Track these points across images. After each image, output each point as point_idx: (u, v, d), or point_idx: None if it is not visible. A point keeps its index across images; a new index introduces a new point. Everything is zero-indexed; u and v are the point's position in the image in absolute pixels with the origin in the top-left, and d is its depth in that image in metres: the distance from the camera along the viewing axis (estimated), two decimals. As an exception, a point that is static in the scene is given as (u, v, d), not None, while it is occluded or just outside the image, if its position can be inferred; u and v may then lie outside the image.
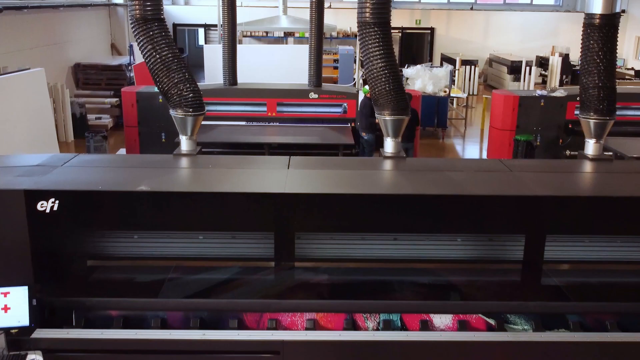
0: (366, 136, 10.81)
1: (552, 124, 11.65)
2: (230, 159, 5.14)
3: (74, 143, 13.27)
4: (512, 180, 4.53)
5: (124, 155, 6.08)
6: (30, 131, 9.32)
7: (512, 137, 11.60)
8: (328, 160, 5.15)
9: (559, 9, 25.76)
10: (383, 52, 5.05)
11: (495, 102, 12.02)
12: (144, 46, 5.11)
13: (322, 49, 11.81)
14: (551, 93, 11.74)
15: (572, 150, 11.59)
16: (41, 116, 9.59)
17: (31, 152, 9.35)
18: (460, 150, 14.15)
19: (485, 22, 23.69)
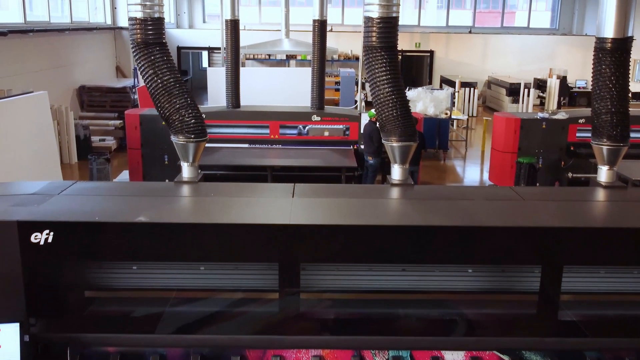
0: (372, 160, 10.54)
1: (554, 146, 11.41)
2: (232, 186, 4.86)
3: (78, 165, 13.03)
4: (526, 209, 4.25)
5: (124, 183, 5.82)
6: (33, 154, 9.08)
7: (514, 159, 11.35)
8: (333, 187, 4.88)
9: (556, 32, 25.70)
10: (390, 77, 4.81)
11: (497, 124, 11.78)
12: (145, 71, 4.87)
13: (325, 72, 11.62)
14: (553, 115, 11.52)
15: (575, 173, 11.35)
16: (44, 139, 9.35)
17: (34, 174, 9.10)
18: (461, 172, 13.89)
19: (484, 45, 23.59)
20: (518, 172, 10.80)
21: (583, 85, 22.71)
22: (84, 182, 4.83)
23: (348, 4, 25.87)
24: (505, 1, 25.99)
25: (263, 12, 25.90)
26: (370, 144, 10.53)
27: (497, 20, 26.32)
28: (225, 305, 4.48)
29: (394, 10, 4.82)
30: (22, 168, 8.82)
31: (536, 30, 25.73)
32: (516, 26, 26.00)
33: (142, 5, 4.81)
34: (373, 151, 10.52)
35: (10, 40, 12.21)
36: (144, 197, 4.47)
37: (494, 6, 26.53)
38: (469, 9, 26.29)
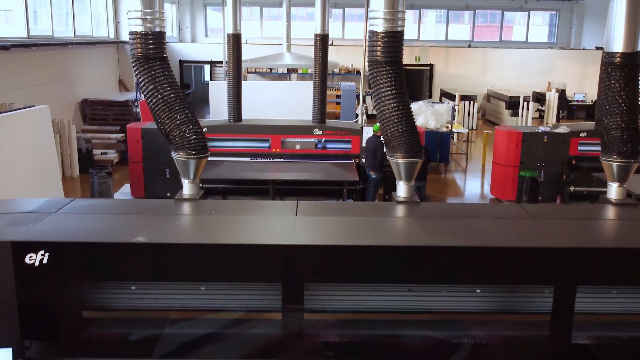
0: (374, 175, 10.35)
1: (556, 159, 11.24)
2: (234, 204, 4.69)
3: (80, 178, 12.84)
4: (537, 228, 4.06)
5: (123, 201, 5.64)
6: (34, 168, 8.91)
7: (515, 173, 11.17)
8: (338, 205, 4.71)
9: (554, 46, 25.64)
10: (395, 92, 4.64)
11: (498, 138, 11.61)
12: (146, 86, 4.70)
13: (326, 86, 11.47)
14: (554, 129, 11.36)
15: (577, 186, 11.16)
16: (45, 153, 9.18)
17: (35, 188, 8.92)
18: (462, 185, 13.71)
19: (483, 58, 23.50)
20: (520, 185, 10.60)
21: (581, 98, 22.60)
22: (82, 200, 4.65)
23: (348, 19, 25.84)
24: (503, 16, 25.98)
25: (264, 26, 25.85)
26: (373, 159, 10.34)
27: (495, 34, 26.27)
28: (226, 326, 4.29)
29: (399, 24, 4.66)
30: (23, 182, 8.64)
31: (534, 44, 25.68)
32: (514, 40, 25.95)
33: (142, 20, 4.66)
34: (376, 165, 10.34)
35: (13, 54, 12.08)
36: (143, 215, 4.29)
37: (492, 21, 26.51)
38: (467, 23, 26.25)
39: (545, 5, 25.67)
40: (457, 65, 23.38)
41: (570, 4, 25.59)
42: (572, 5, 25.63)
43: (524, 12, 26.02)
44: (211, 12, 26.18)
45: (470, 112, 19.67)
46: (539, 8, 25.87)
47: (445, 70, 23.36)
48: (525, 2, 25.45)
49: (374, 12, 4.63)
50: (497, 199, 11.71)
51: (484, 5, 25.58)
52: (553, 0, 25.44)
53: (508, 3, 25.46)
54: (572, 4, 25.58)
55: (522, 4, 25.52)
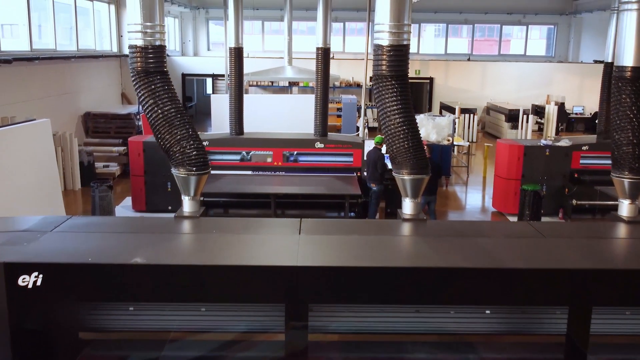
0: (375, 187, 10.15)
1: (558, 173, 11.05)
2: (236, 222, 4.49)
3: (81, 191, 12.65)
4: (549, 248, 3.87)
5: (121, 219, 5.43)
6: (35, 181, 8.71)
7: (517, 186, 10.98)
8: (342, 223, 4.50)
9: (552, 60, 25.54)
10: (401, 107, 4.47)
11: (500, 151, 11.42)
12: (145, 100, 4.53)
13: (328, 99, 11.31)
14: (556, 142, 11.18)
15: (579, 200, 10.97)
16: (46, 166, 8.99)
17: (35, 202, 8.72)
18: (464, 198, 13.51)
19: (482, 72, 23.38)
20: (522, 199, 10.40)
21: (580, 111, 22.46)
22: (79, 217, 4.45)
23: (348, 33, 25.79)
24: (502, 30, 25.92)
25: (266, 40, 25.79)
26: (374, 171, 10.16)
27: (493, 48, 26.20)
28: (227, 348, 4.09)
29: (404, 38, 4.50)
30: (24, 196, 8.45)
31: (533, 58, 25.57)
32: (513, 54, 25.86)
33: (142, 33, 4.49)
34: (377, 177, 10.16)
35: (15, 68, 11.94)
36: (142, 234, 4.09)
37: (490, 35, 26.45)
38: (466, 37, 26.19)
39: (544, 19, 25.62)
40: (457, 79, 23.27)
41: (568, 18, 25.53)
42: (570, 20, 25.57)
43: (521, 26, 25.97)
44: (213, 26, 26.13)
45: (470, 125, 19.51)
46: (537, 22, 25.82)
47: (445, 83, 23.24)
48: (523, 17, 25.39)
49: (380, 26, 4.47)
50: (499, 212, 11.51)
51: (483, 19, 25.52)
52: (551, 15, 25.39)
53: (506, 17, 25.40)
54: (570, 18, 25.52)
55: (520, 18, 25.46)
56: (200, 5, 25.34)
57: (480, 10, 24.78)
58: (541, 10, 25.04)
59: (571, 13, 25.22)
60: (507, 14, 25.19)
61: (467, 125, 19.33)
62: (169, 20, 24.21)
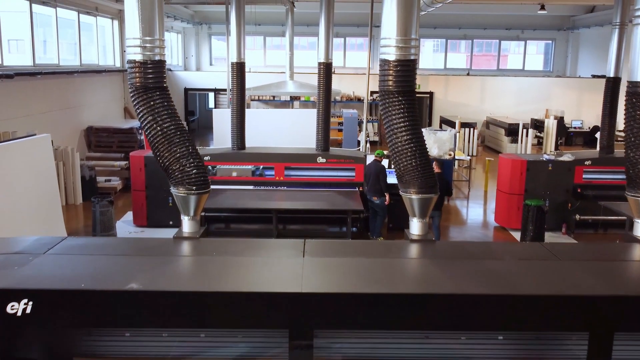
0: (377, 200, 9.91)
1: (561, 188, 10.81)
2: (237, 243, 4.24)
3: (83, 206, 12.41)
4: (565, 272, 3.62)
5: (117, 240, 5.18)
6: (35, 196, 8.49)
7: (520, 201, 10.73)
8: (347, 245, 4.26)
9: (550, 75, 25.41)
10: (408, 124, 4.24)
11: (502, 166, 11.19)
12: (144, 117, 4.30)
13: (330, 114, 11.10)
14: (558, 157, 10.95)
15: (582, 215, 10.72)
16: (46, 181, 8.77)
17: (35, 217, 8.49)
18: (465, 213, 13.26)
19: (481, 86, 23.22)
20: (526, 214, 10.15)
21: (579, 125, 22.27)
22: (74, 238, 4.21)
23: (349, 48, 25.70)
24: (500, 45, 25.81)
25: (268, 55, 25.69)
26: (375, 183, 9.92)
27: (490, 63, 26.08)
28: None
29: (411, 52, 4.28)
30: (24, 211, 8.22)
31: (531, 73, 25.44)
32: (512, 68, 25.73)
33: (141, 48, 4.27)
34: (378, 190, 9.91)
35: (17, 83, 11.75)
36: (139, 256, 3.85)
37: (487, 50, 26.34)
38: (464, 52, 26.07)
39: (541, 34, 25.52)
40: (456, 93, 23.10)
41: (565, 33, 25.43)
42: (568, 35, 25.47)
43: (518, 42, 25.89)
44: (216, 41, 26.04)
45: (471, 139, 19.31)
46: (535, 38, 25.72)
47: (445, 97, 23.07)
48: (521, 32, 25.30)
49: (386, 40, 4.26)
50: (502, 227, 11.26)
51: (482, 35, 25.42)
52: (549, 30, 25.29)
53: (505, 33, 25.31)
54: (568, 34, 25.42)
55: (518, 33, 25.37)
56: (202, 21, 25.27)
57: (479, 25, 24.68)
58: (539, 25, 24.95)
59: (569, 28, 25.12)
60: (505, 29, 25.10)
61: (467, 139, 19.12)
62: (171, 36, 24.11)
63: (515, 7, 21.74)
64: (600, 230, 11.01)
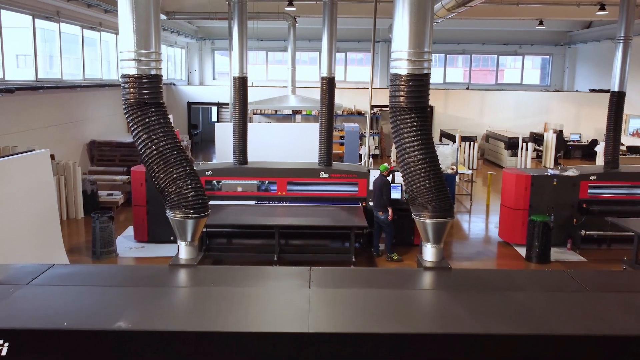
0: (382, 216, 9.50)
1: (566, 203, 10.38)
2: (237, 271, 3.82)
3: (84, 220, 11.98)
4: (599, 306, 3.20)
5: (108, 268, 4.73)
6: (33, 212, 8.08)
7: (525, 216, 10.31)
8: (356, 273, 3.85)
9: (548, 89, 25.09)
10: (421, 143, 3.84)
11: (506, 181, 10.77)
12: (139, 135, 3.91)
13: (333, 129, 10.72)
14: (563, 172, 10.54)
15: (587, 230, 10.30)
16: (44, 198, 8.37)
17: (33, 234, 8.08)
18: (467, 228, 12.83)
19: (481, 100, 22.88)
20: (531, 230, 9.73)
21: (577, 138, 21.89)
22: (61, 267, 3.79)
23: (349, 62, 25.40)
24: (499, 60, 25.52)
25: (270, 69, 25.41)
26: (380, 198, 9.51)
27: (487, 77, 25.77)
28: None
29: (425, 66, 3.89)
30: (22, 227, 7.81)
31: (529, 87, 25.14)
32: (510, 83, 25.42)
33: (136, 61, 3.89)
34: (383, 205, 9.50)
35: (19, 97, 11.39)
36: (130, 287, 3.43)
37: (484, 64, 26.04)
38: (461, 67, 25.75)
39: (539, 49, 25.24)
40: (456, 107, 22.76)
41: (562, 48, 25.14)
42: (565, 50, 25.18)
43: (513, 56, 25.60)
44: (219, 56, 25.77)
45: (471, 153, 18.92)
46: (532, 53, 25.43)
47: (445, 111, 22.72)
48: (519, 47, 25.02)
49: (397, 53, 3.87)
50: (506, 242, 10.83)
51: (480, 50, 25.15)
52: (546, 46, 25.01)
53: (503, 48, 25.05)
54: (565, 49, 25.13)
55: (516, 48, 25.09)
56: (206, 37, 25.01)
57: (477, 41, 24.41)
58: (537, 41, 24.68)
59: (566, 44, 24.84)
60: (503, 44, 24.84)
61: (467, 153, 18.73)
62: (175, 51, 23.82)
63: (514, 23, 21.48)
64: (603, 246, 10.58)
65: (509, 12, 17.31)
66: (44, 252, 8.23)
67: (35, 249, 8.07)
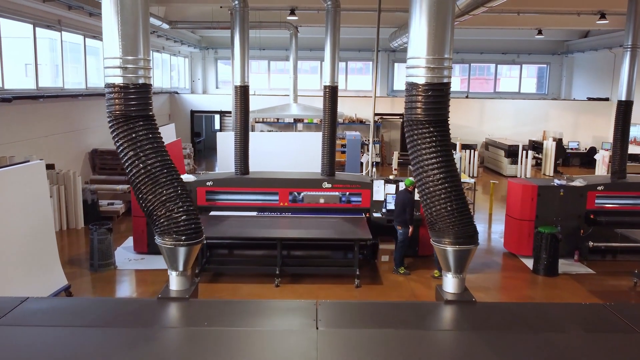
0: (401, 230, 8.94)
1: (573, 214, 9.82)
2: (234, 306, 3.27)
3: (84, 230, 11.43)
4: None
5: (87, 301, 4.12)
6: (27, 225, 7.53)
7: (531, 227, 9.76)
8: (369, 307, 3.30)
9: (546, 97, 24.57)
10: (442, 161, 3.29)
11: (512, 191, 10.21)
12: (124, 152, 3.36)
13: (335, 138, 10.18)
14: (570, 182, 9.99)
15: (595, 242, 9.75)
16: (40, 209, 7.82)
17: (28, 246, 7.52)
18: (471, 236, 12.27)
19: (480, 109, 22.34)
20: (539, 242, 9.17)
21: (575, 146, 21.35)
22: (36, 300, 3.23)
23: (349, 72, 24.89)
24: (490, 69, 25.03)
25: (272, 78, 24.90)
26: (401, 213, 8.91)
27: (483, 86, 25.22)
28: None
29: (445, 74, 3.35)
30: (16, 241, 7.26)
31: (527, 95, 24.62)
32: (508, 91, 24.88)
33: (122, 69, 3.34)
34: (404, 220, 8.91)
35: (19, 106, 10.85)
36: (112, 328, 2.87)
37: (480, 73, 25.52)
38: (458, 75, 25.20)
39: (536, 59, 24.73)
40: (456, 115, 22.10)
41: (560, 57, 24.62)
42: (562, 59, 24.66)
43: (510, 65, 25.09)
44: (222, 65, 25.26)
45: (471, 161, 18.38)
46: (530, 62, 24.91)
47: (445, 119, 22.16)
48: (517, 56, 24.50)
49: (414, 60, 3.33)
50: (511, 254, 10.26)
51: (479, 59, 24.63)
52: (544, 55, 24.50)
53: (501, 57, 24.53)
54: (562, 58, 24.61)
55: (514, 57, 24.57)
56: (209, 46, 24.52)
57: (476, 50, 23.88)
58: (534, 50, 24.17)
59: (563, 53, 24.32)
60: (502, 53, 24.32)
61: (468, 161, 18.18)
62: (179, 60, 23.31)
63: (512, 32, 20.97)
64: (608, 257, 10.02)
65: (509, 22, 16.79)
66: (39, 266, 7.68)
67: (30, 263, 7.51)
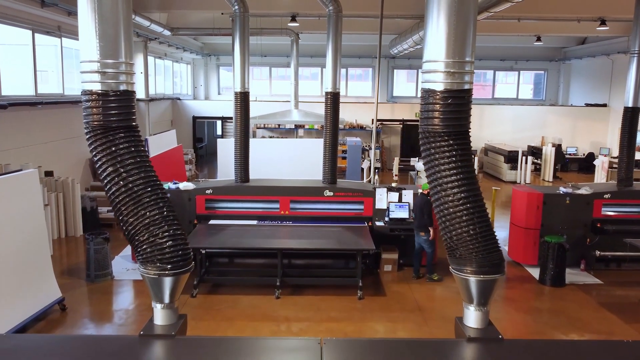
0: (424, 236, 8.47)
1: (579, 222, 9.32)
2: (228, 344, 2.77)
3: (83, 238, 10.92)
4: None
5: (64, 339, 3.57)
6: (20, 235, 7.05)
7: (536, 236, 9.27)
8: (381, 347, 2.81)
9: (544, 103, 24.10)
10: (462, 177, 2.80)
11: (516, 199, 9.70)
12: (103, 167, 2.85)
13: (337, 146, 9.68)
14: (576, 190, 9.49)
15: (602, 251, 9.25)
16: (33, 218, 7.33)
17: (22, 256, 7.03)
18: (473, 243, 11.76)
19: (479, 114, 21.82)
20: (545, 252, 8.67)
21: (574, 152, 20.87)
22: (11, 337, 2.73)
23: (349, 78, 24.44)
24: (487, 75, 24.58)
25: (273, 85, 24.44)
26: (421, 218, 8.45)
27: (480, 92, 24.75)
28: None
29: (466, 80, 2.86)
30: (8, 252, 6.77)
31: (525, 101, 24.15)
32: (506, 97, 24.40)
33: (100, 74, 2.85)
34: (424, 225, 8.44)
35: (17, 113, 10.37)
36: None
37: (476, 80, 25.07)
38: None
39: (534, 65, 24.27)
40: (455, 121, 21.72)
41: (557, 64, 24.15)
42: (559, 66, 24.20)
43: (507, 72, 24.64)
44: (224, 71, 24.81)
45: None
46: (528, 68, 24.45)
47: (444, 125, 21.68)
48: (515, 63, 24.05)
49: (431, 64, 2.83)
50: (516, 263, 9.75)
51: (477, 65, 24.13)
52: (541, 61, 24.05)
53: (499, 64, 24.09)
54: (559, 64, 24.14)
55: (512, 64, 24.12)
56: (211, 53, 24.07)
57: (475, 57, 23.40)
58: (532, 57, 23.71)
59: (560, 59, 23.86)
60: (500, 60, 23.87)
61: (468, 167, 17.67)
62: (181, 67, 22.85)
63: (510, 39, 20.51)
64: (612, 266, 9.51)
65: (510, 28, 16.32)
66: (31, 278, 7.18)
67: (22, 275, 7.01)
